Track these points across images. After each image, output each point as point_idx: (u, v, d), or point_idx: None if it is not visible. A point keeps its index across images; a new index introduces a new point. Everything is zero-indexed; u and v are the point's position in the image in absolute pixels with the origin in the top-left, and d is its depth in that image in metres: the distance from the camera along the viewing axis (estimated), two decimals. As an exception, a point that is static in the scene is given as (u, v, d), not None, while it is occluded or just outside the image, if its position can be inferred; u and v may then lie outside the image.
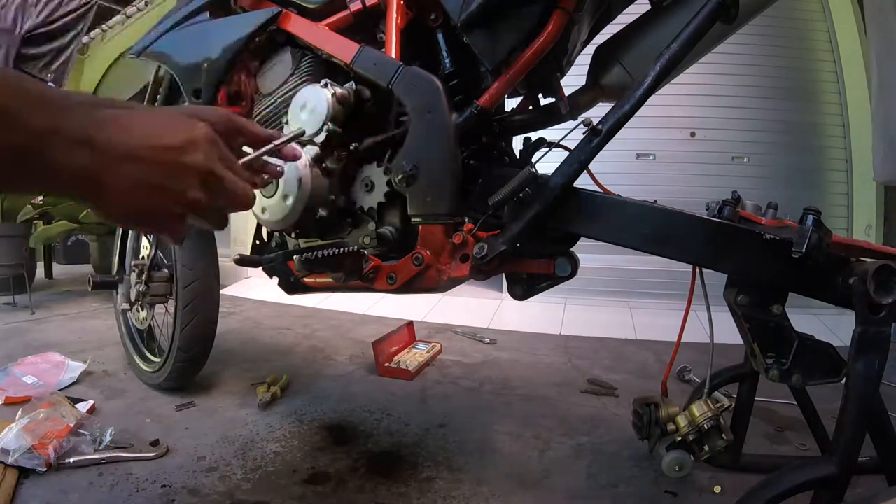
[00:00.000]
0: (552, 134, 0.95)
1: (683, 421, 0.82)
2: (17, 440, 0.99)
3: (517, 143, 1.08)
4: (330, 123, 0.89)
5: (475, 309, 2.71)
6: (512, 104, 1.14)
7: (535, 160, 1.01)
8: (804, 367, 0.71)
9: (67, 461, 1.01)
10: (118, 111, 0.39)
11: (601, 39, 0.97)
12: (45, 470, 0.97)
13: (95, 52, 5.01)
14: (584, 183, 0.81)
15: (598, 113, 0.83)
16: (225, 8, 1.16)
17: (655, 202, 0.77)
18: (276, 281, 1.16)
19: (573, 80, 1.03)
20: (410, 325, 1.97)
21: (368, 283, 0.93)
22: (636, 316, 2.63)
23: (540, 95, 1.08)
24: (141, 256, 1.46)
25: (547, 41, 0.85)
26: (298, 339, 2.10)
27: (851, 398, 0.64)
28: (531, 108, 1.10)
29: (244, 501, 0.93)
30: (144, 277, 1.38)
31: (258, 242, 1.20)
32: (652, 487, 1.02)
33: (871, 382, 0.64)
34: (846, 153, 2.93)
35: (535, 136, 1.05)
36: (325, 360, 1.81)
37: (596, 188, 0.84)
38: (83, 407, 1.25)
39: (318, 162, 0.93)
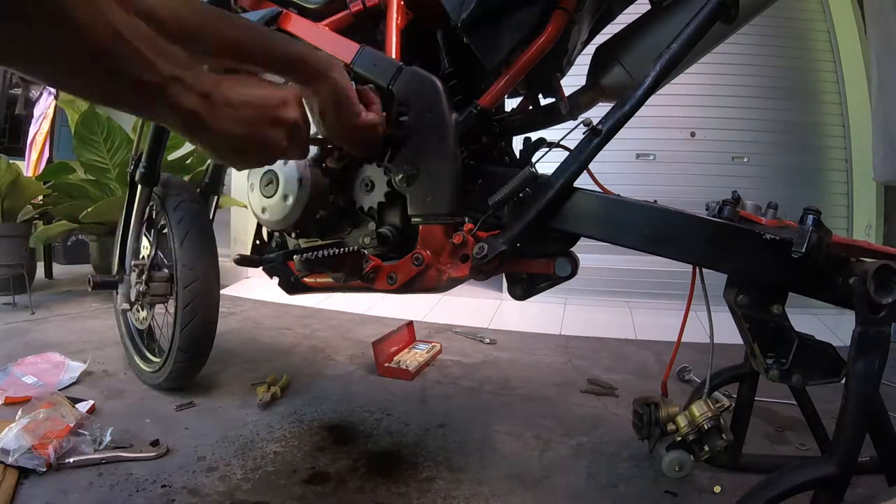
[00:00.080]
0: (552, 134, 0.95)
1: (683, 421, 0.82)
2: (17, 440, 0.99)
3: (517, 143, 1.08)
4: (330, 123, 0.89)
5: (475, 309, 2.71)
6: (512, 104, 1.14)
7: (535, 160, 1.01)
8: (804, 367, 0.71)
9: (67, 461, 1.01)
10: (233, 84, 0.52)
11: (601, 39, 0.97)
12: (45, 470, 0.97)
13: (95, 52, 4.97)
14: (584, 183, 0.81)
15: (598, 113, 0.83)
16: (225, 8, 1.16)
17: (655, 202, 0.77)
18: (276, 281, 1.16)
19: (573, 80, 1.03)
20: (410, 325, 1.97)
21: (368, 283, 0.93)
22: (636, 316, 2.63)
23: (540, 95, 1.08)
24: (141, 256, 1.46)
25: (547, 41, 0.85)
26: (298, 339, 2.10)
27: (851, 398, 0.64)
28: (531, 108, 1.10)
29: (244, 501, 0.93)
30: (144, 277, 1.38)
31: (258, 242, 1.20)
32: (652, 487, 1.02)
33: (871, 382, 0.63)
34: (846, 153, 2.93)
35: (535, 136, 1.05)
36: (325, 360, 1.81)
37: (596, 188, 0.84)
38: (83, 407, 1.25)
39: (318, 162, 0.93)
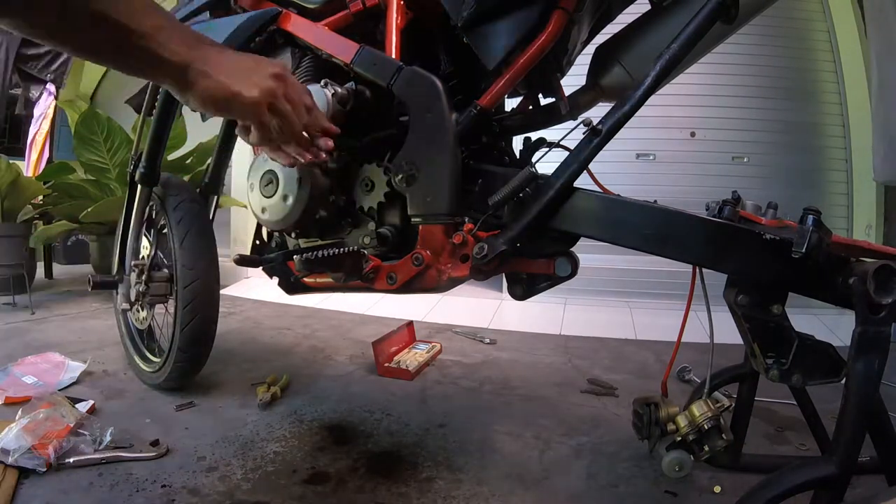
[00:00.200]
0: (552, 134, 0.95)
1: (683, 421, 0.82)
2: (17, 440, 0.99)
3: (517, 143, 1.08)
4: (330, 123, 0.89)
5: (475, 309, 2.71)
6: (512, 104, 1.14)
7: (535, 160, 1.01)
8: (804, 367, 0.71)
9: (67, 461, 1.01)
10: (218, 47, 0.61)
11: (601, 39, 0.97)
12: (45, 470, 0.97)
13: (95, 52, 4.93)
14: (584, 183, 0.81)
15: (598, 113, 0.83)
16: (225, 8, 1.16)
17: (655, 202, 0.77)
18: (276, 281, 1.16)
19: (573, 80, 1.03)
20: (410, 325, 1.97)
21: (368, 283, 0.93)
22: (636, 316, 2.63)
23: (540, 95, 1.08)
24: (141, 256, 1.46)
25: (547, 41, 0.85)
26: (298, 339, 2.10)
27: (851, 398, 0.64)
28: (531, 108, 1.10)
29: (244, 501, 0.93)
30: (144, 277, 1.38)
31: (258, 242, 1.20)
32: (652, 487, 1.02)
33: (871, 382, 0.63)
34: (846, 153, 2.93)
35: (535, 136, 1.05)
36: (325, 360, 1.81)
37: (596, 188, 0.84)
38: (83, 407, 1.25)
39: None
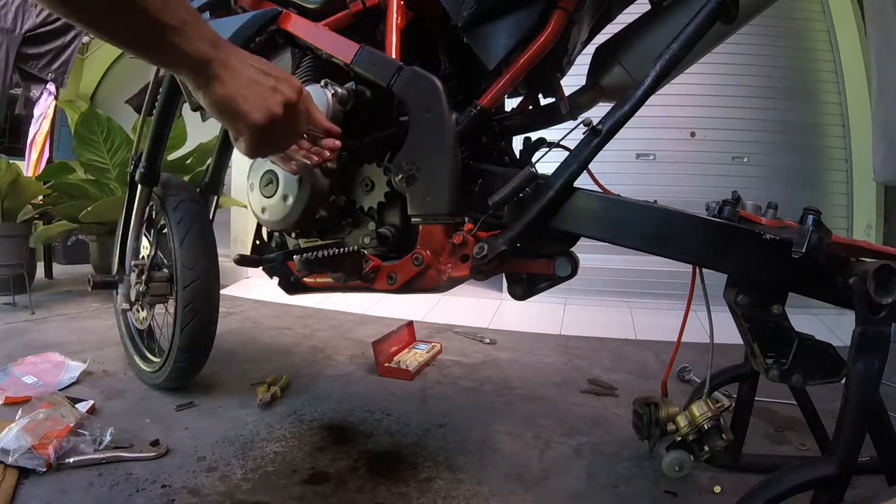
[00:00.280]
0: (552, 134, 0.95)
1: (683, 421, 0.82)
2: (17, 440, 0.99)
3: (517, 143, 1.08)
4: (330, 123, 0.89)
5: (475, 309, 2.71)
6: (512, 104, 1.14)
7: (535, 160, 1.01)
8: (804, 367, 0.71)
9: (67, 461, 1.01)
10: (242, 52, 0.60)
11: (601, 39, 0.97)
12: (45, 470, 0.97)
13: (95, 52, 5.00)
14: (584, 183, 0.81)
15: (598, 113, 0.83)
16: (225, 8, 1.16)
17: (655, 202, 0.77)
18: (276, 281, 1.16)
19: (573, 80, 1.03)
20: (410, 325, 1.97)
21: (368, 283, 0.93)
22: (636, 316, 2.63)
23: (540, 95, 1.08)
24: (141, 256, 1.46)
25: (547, 41, 0.85)
26: (298, 339, 2.10)
27: (851, 398, 0.64)
28: (531, 108, 1.10)
29: (244, 501, 0.93)
30: (144, 277, 1.38)
31: (258, 242, 1.20)
32: (652, 487, 1.02)
33: (871, 382, 0.63)
34: (846, 153, 2.93)
35: (535, 136, 1.05)
36: (325, 360, 1.81)
37: (596, 188, 0.84)
38: (83, 407, 1.25)
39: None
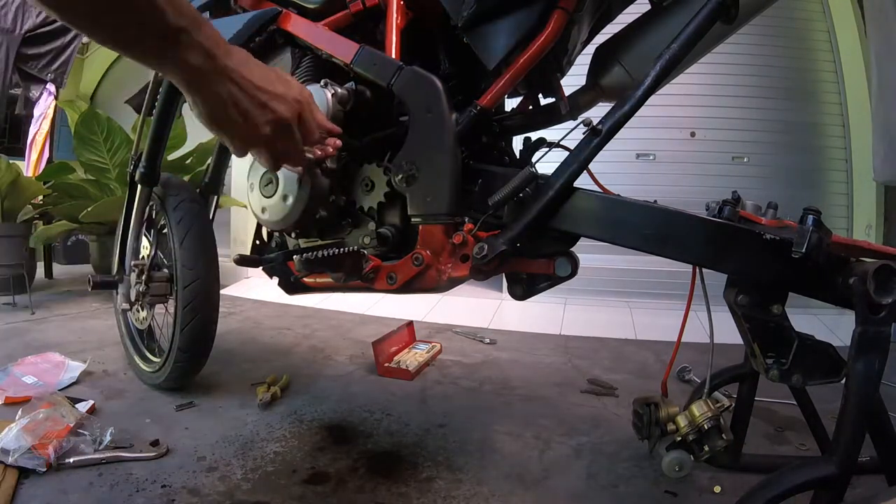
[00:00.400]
0: (552, 134, 0.95)
1: (683, 421, 0.82)
2: (17, 440, 0.99)
3: (517, 143, 1.08)
4: (329, 123, 0.89)
5: (475, 309, 2.71)
6: (512, 104, 1.14)
7: (535, 160, 1.01)
8: (804, 367, 0.71)
9: (67, 461, 1.01)
10: (242, 52, 0.54)
11: (601, 39, 0.97)
12: (45, 470, 0.97)
13: (95, 52, 5.01)
14: (584, 183, 0.81)
15: (598, 113, 0.83)
16: (225, 8, 1.16)
17: (655, 202, 0.77)
18: (276, 281, 1.16)
19: (573, 80, 1.03)
20: (410, 325, 1.97)
21: (368, 283, 0.93)
22: (636, 316, 2.63)
23: (540, 95, 1.08)
24: (141, 256, 1.46)
25: (547, 41, 0.85)
26: (298, 339, 2.10)
27: (851, 398, 0.64)
28: (531, 108, 1.10)
29: (244, 501, 0.93)
30: (144, 277, 1.38)
31: (258, 242, 1.20)
32: (652, 487, 1.02)
33: (871, 382, 0.63)
34: (846, 153, 2.93)
35: (535, 136, 1.05)
36: (325, 360, 1.81)
37: (596, 188, 0.84)
38: (83, 407, 1.25)
39: (317, 162, 0.93)
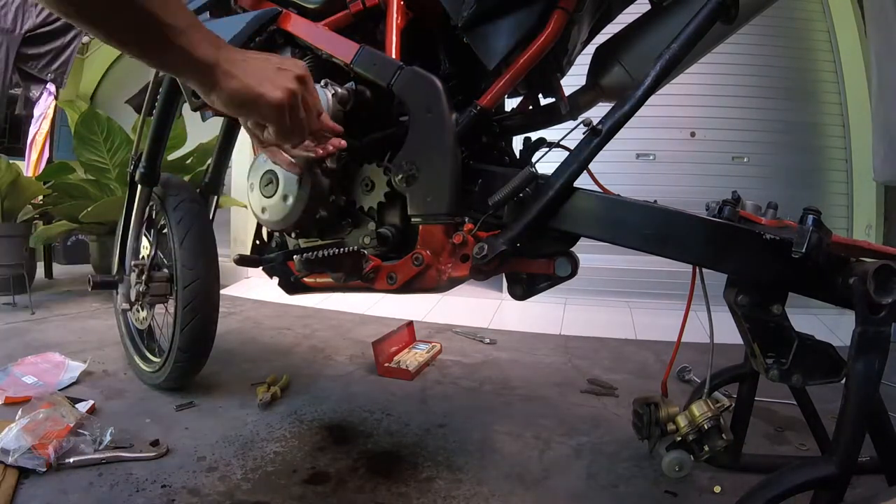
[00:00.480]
0: (552, 134, 0.95)
1: (683, 421, 0.82)
2: (17, 440, 0.99)
3: (517, 143, 1.08)
4: (330, 123, 0.89)
5: (475, 309, 2.71)
6: (512, 104, 1.14)
7: (535, 160, 1.01)
8: (804, 367, 0.71)
9: (67, 461, 1.01)
10: (239, 49, 0.63)
11: (601, 39, 0.97)
12: (45, 470, 0.97)
13: (95, 52, 5.01)
14: (584, 183, 0.81)
15: (598, 113, 0.83)
16: (225, 8, 1.16)
17: (655, 202, 0.77)
18: (276, 281, 1.16)
19: (573, 80, 1.03)
20: (410, 325, 1.97)
21: (368, 283, 0.93)
22: (636, 316, 2.63)
23: (540, 95, 1.08)
24: (141, 256, 1.46)
25: (547, 41, 0.85)
26: (298, 339, 2.10)
27: (851, 398, 0.64)
28: (531, 108, 1.10)
29: (244, 501, 0.93)
30: (144, 277, 1.38)
31: (258, 242, 1.20)
32: (652, 487, 1.02)
33: (871, 382, 0.63)
34: (846, 153, 2.93)
35: (535, 136, 1.05)
36: (325, 360, 1.81)
37: (596, 188, 0.84)
38: (83, 407, 1.25)
39: (318, 162, 0.93)
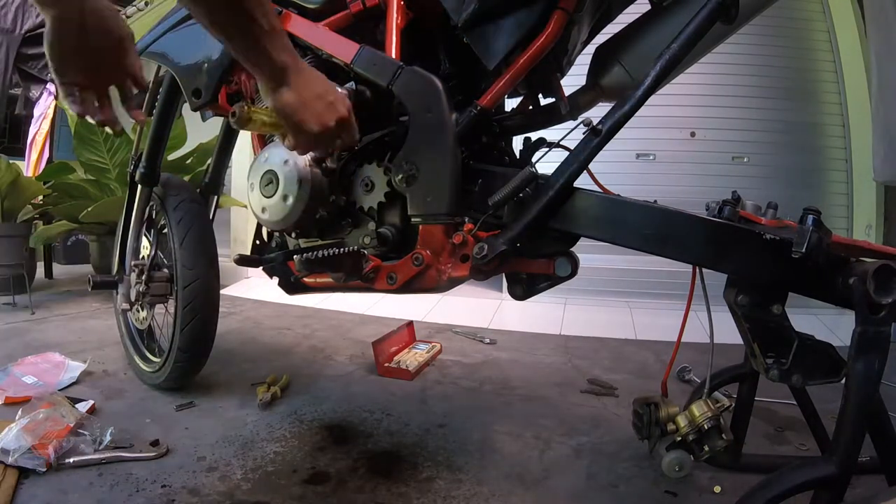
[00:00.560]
0: (552, 134, 0.95)
1: (683, 421, 0.82)
2: (17, 440, 0.99)
3: (517, 143, 1.08)
4: (330, 123, 0.89)
5: (475, 309, 2.71)
6: (512, 104, 1.14)
7: (535, 160, 1.01)
8: (804, 367, 0.71)
9: (67, 461, 1.01)
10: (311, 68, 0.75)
11: (601, 39, 0.98)
12: (45, 470, 0.97)
13: (95, 52, 4.94)
14: (584, 183, 0.81)
15: (598, 113, 0.83)
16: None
17: (655, 202, 0.77)
18: (276, 281, 1.16)
19: (573, 80, 1.03)
20: (410, 325, 1.97)
21: (368, 283, 0.93)
22: (636, 316, 2.63)
23: (540, 95, 1.08)
24: (141, 256, 1.46)
25: (547, 41, 0.85)
26: (298, 339, 2.10)
27: (851, 398, 0.64)
28: (531, 108, 1.10)
29: (244, 501, 0.93)
30: (144, 277, 1.38)
31: (258, 242, 1.20)
32: (652, 487, 1.02)
33: (871, 382, 0.64)
34: (846, 153, 2.93)
35: (535, 136, 1.05)
36: (325, 360, 1.81)
37: (596, 188, 0.84)
38: (83, 407, 1.25)
39: (318, 162, 0.93)
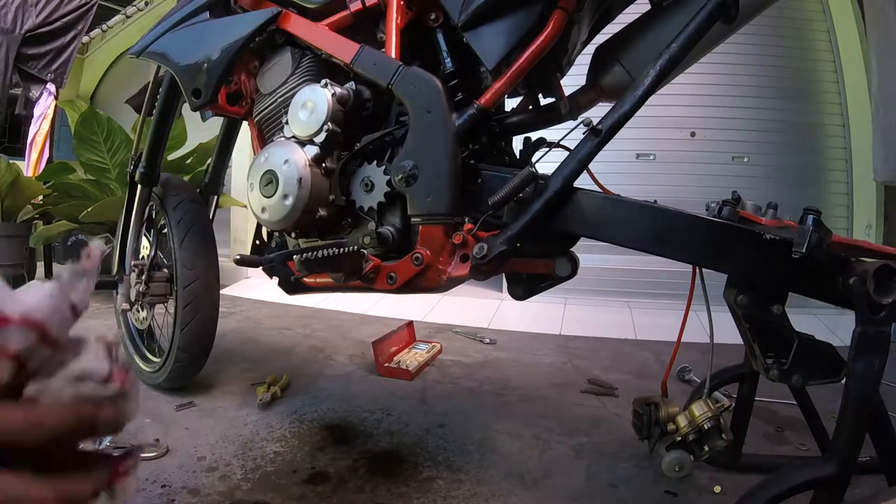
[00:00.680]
0: (552, 134, 0.95)
1: (683, 421, 0.82)
2: (17, 440, 0.99)
3: (517, 143, 1.08)
4: (330, 123, 0.89)
5: (475, 309, 2.71)
6: (512, 104, 1.14)
7: (535, 160, 1.01)
8: (804, 367, 0.71)
9: (67, 461, 1.01)
10: None
11: (601, 39, 0.97)
12: (44, 470, 0.97)
13: (95, 52, 5.01)
14: (584, 183, 0.81)
15: (598, 113, 0.83)
16: (225, 8, 1.16)
17: (655, 202, 0.77)
18: (276, 281, 1.16)
19: (573, 80, 1.03)
20: (410, 325, 1.97)
21: (368, 283, 0.93)
22: (636, 316, 2.63)
23: (540, 95, 1.08)
24: (141, 256, 1.46)
25: (547, 41, 0.85)
26: (298, 339, 2.10)
27: (851, 398, 0.64)
28: (531, 108, 1.10)
29: (244, 501, 0.93)
30: (144, 277, 1.38)
31: (258, 242, 1.20)
32: (652, 487, 1.02)
33: (871, 382, 0.64)
34: (846, 153, 2.93)
35: (535, 136, 1.05)
36: (325, 360, 1.81)
37: (596, 188, 0.84)
38: (83, 407, 1.25)
39: (317, 162, 0.93)
